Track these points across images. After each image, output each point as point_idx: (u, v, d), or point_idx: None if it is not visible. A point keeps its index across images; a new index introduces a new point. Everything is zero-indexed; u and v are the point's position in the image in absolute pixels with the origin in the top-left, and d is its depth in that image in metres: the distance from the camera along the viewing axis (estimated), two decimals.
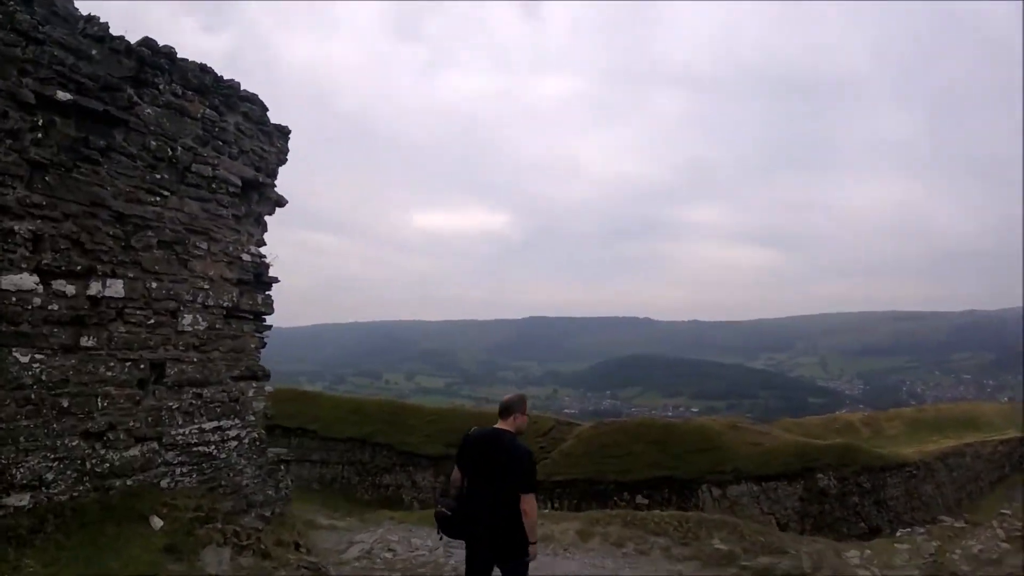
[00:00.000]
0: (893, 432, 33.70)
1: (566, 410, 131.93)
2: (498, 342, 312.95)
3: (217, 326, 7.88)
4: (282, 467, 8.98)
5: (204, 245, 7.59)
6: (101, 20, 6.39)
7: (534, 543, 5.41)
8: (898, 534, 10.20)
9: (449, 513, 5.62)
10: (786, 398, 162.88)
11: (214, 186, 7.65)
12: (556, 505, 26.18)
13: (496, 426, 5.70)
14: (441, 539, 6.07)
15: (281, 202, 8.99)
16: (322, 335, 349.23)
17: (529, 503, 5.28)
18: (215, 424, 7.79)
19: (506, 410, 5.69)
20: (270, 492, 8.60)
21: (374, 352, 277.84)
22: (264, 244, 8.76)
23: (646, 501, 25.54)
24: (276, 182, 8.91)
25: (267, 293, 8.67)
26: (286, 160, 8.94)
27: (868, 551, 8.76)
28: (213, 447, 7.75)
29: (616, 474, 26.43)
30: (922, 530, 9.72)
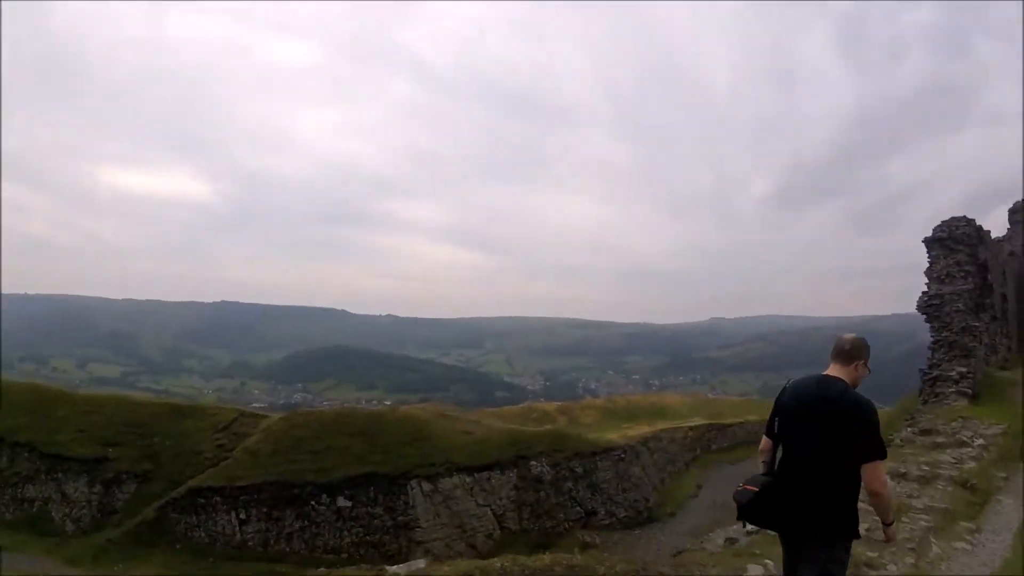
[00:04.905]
0: (588, 420, 35.00)
1: (255, 404, 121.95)
2: (186, 327, 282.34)
3: None
4: None
5: None
6: None
7: (891, 524, 4.14)
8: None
9: (756, 489, 4.07)
10: (476, 391, 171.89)
11: None
12: (243, 516, 21.62)
13: (825, 373, 4.17)
14: (744, 528, 4.94)
15: None
16: None
17: (877, 475, 3.84)
18: None
19: (848, 354, 4.14)
20: None
21: (45, 333, 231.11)
22: None
23: (349, 504, 22.29)
24: None
25: None
26: None
27: None
28: None
29: (313, 474, 22.99)
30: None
